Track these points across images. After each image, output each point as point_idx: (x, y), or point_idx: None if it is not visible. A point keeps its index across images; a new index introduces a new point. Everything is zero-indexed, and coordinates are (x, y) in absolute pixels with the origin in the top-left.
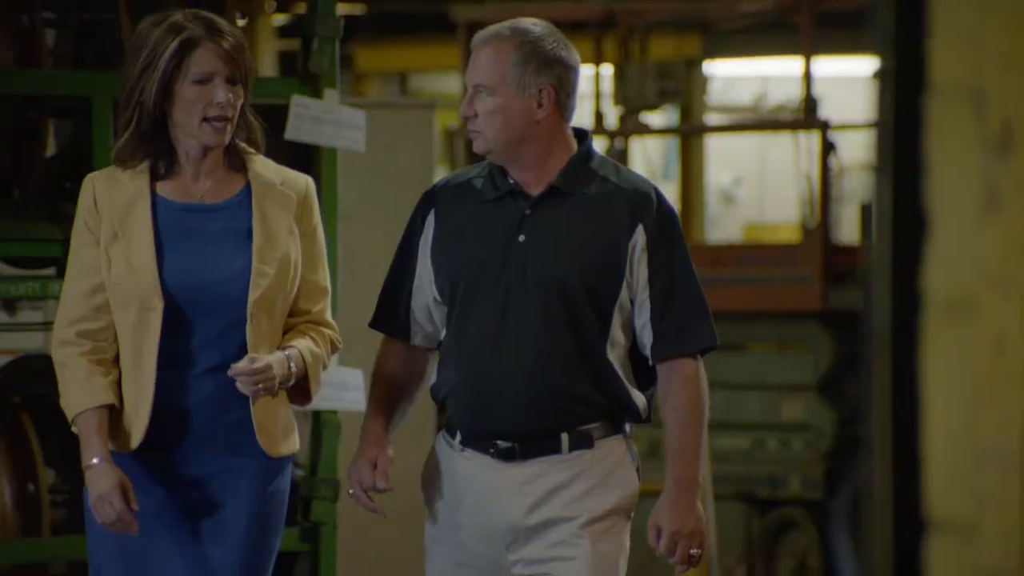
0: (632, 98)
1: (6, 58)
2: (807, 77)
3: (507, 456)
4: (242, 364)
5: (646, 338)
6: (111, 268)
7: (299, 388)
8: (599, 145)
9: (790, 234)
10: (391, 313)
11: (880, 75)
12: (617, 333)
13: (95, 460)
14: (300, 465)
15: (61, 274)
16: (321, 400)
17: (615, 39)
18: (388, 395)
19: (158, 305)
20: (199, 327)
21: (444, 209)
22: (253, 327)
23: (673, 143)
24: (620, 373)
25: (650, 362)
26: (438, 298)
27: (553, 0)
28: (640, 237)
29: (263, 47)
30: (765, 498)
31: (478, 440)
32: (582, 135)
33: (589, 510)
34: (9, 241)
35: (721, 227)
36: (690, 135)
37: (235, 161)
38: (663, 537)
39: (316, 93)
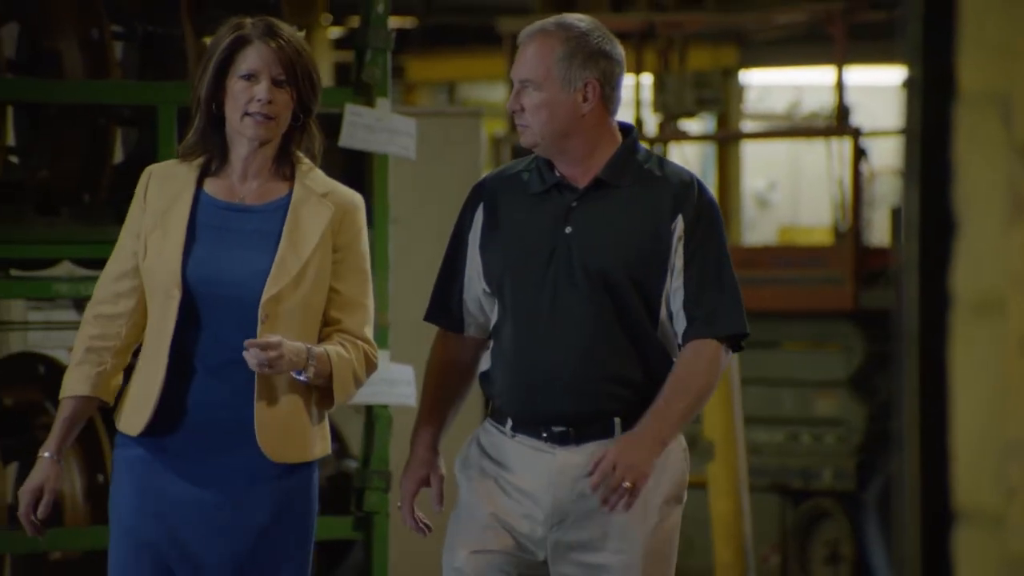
0: (671, 106)
1: (77, 69)
2: (839, 86)
3: (562, 440)
4: (259, 340)
5: (679, 324)
6: (146, 256)
7: (324, 392)
8: None
9: (823, 236)
10: (444, 306)
11: (908, 84)
12: (666, 320)
13: (45, 453)
14: (353, 457)
15: None
16: (373, 395)
17: (655, 50)
18: (441, 391)
19: (177, 295)
20: (214, 322)
21: (492, 203)
22: (266, 329)
23: (710, 149)
24: (671, 358)
25: (681, 347)
26: (487, 289)
27: (596, 11)
28: (679, 226)
29: (319, 58)
30: (799, 489)
31: (530, 426)
32: (627, 129)
33: (642, 501)
34: (79, 243)
35: (757, 230)
36: (727, 141)
37: (285, 168)
38: (606, 459)
39: (369, 102)
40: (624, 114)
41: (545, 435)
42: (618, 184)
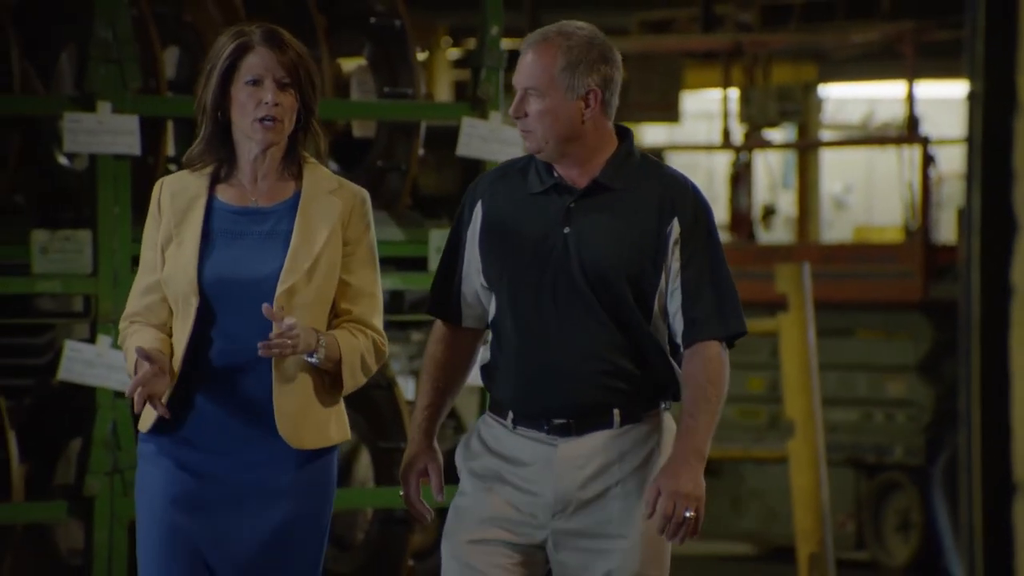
0: (756, 117)
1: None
2: (910, 98)
3: (563, 432)
4: (274, 333)
5: (677, 325)
6: (165, 267)
7: (335, 377)
8: (725, 159)
9: (894, 235)
10: (443, 299)
11: (972, 97)
12: (659, 318)
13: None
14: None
15: None
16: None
17: (742, 66)
18: (440, 383)
19: (194, 302)
20: (233, 321)
21: (491, 201)
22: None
23: (791, 156)
24: (664, 353)
25: (681, 348)
26: (485, 284)
27: (687, 33)
28: (675, 229)
29: (439, 77)
30: (872, 464)
31: (531, 419)
32: (624, 132)
33: (641, 487)
34: None
35: (834, 229)
36: (806, 149)
37: (293, 168)
38: (662, 496)
39: (483, 115)
40: (713, 125)
41: (546, 427)
42: (616, 186)
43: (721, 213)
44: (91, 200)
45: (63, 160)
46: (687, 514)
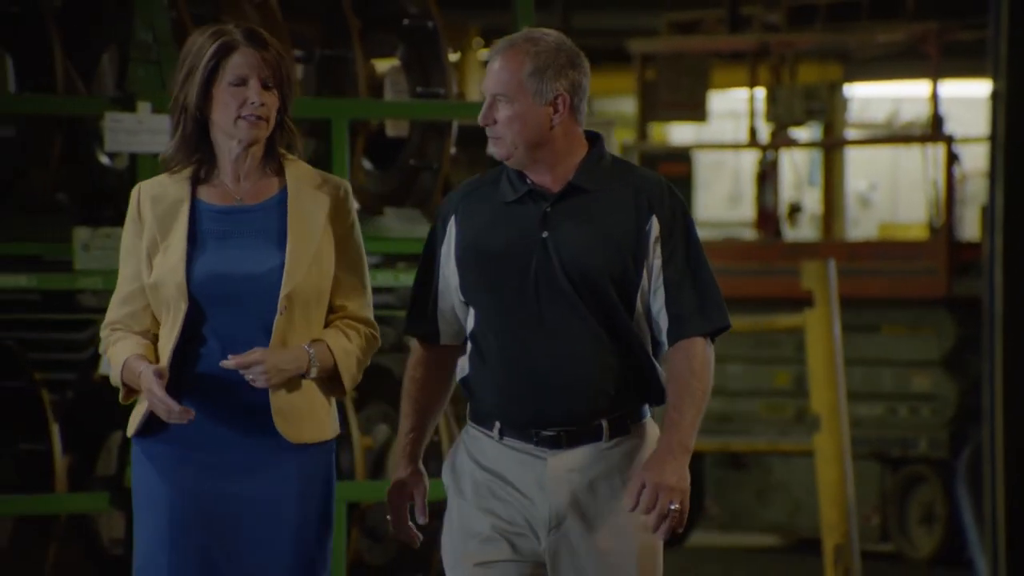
0: (782, 116)
1: None
2: (934, 98)
3: (552, 444)
4: (238, 358)
5: (662, 322)
6: (152, 273)
7: (334, 380)
8: (752, 157)
9: (919, 232)
10: (420, 318)
11: (995, 96)
12: (641, 317)
13: (141, 367)
14: None
15: None
16: None
17: (768, 66)
18: (422, 403)
19: (183, 306)
20: (225, 323)
21: (464, 214)
22: (284, 320)
23: (817, 155)
24: (648, 354)
25: (665, 346)
26: (463, 299)
27: (715, 33)
28: (655, 227)
29: (471, 77)
30: (897, 457)
31: (520, 428)
32: (594, 137)
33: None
34: None
35: (859, 226)
36: (832, 148)
37: (274, 165)
38: (647, 488)
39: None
40: (739, 124)
41: (535, 439)
42: (591, 188)
43: (748, 211)
44: None
45: (104, 159)
46: (671, 507)
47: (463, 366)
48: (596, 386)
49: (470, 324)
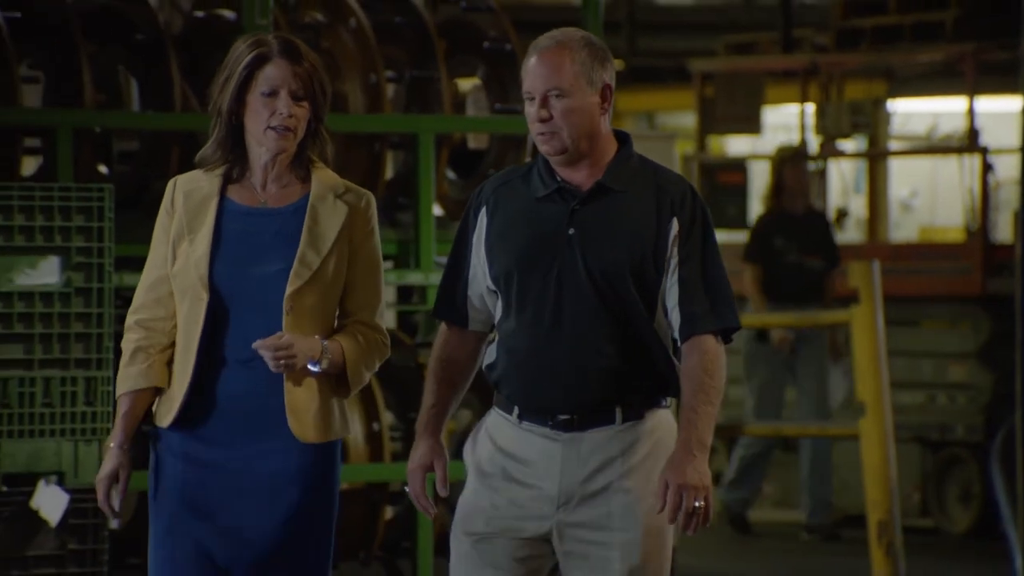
0: (830, 129)
1: (359, 106)
2: (970, 112)
3: (567, 427)
4: (268, 340)
5: (675, 320)
6: (175, 262)
7: (341, 379)
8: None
9: (956, 235)
10: (450, 303)
11: None
12: (661, 315)
13: (111, 443)
14: None
15: (397, 267)
16: None
17: (817, 83)
18: (446, 383)
19: (205, 297)
20: (242, 319)
21: (495, 206)
22: (290, 321)
23: (862, 164)
24: (667, 350)
25: (679, 343)
26: (491, 287)
27: (769, 54)
28: (674, 227)
29: None
30: (936, 441)
31: (537, 413)
32: (623, 137)
33: (642, 482)
34: None
35: (901, 230)
36: (876, 158)
37: (302, 171)
38: (671, 490)
39: None
40: (791, 137)
41: (550, 423)
42: (617, 188)
43: None
44: None
45: None
46: (696, 504)
47: (490, 352)
48: (611, 379)
49: (497, 312)
